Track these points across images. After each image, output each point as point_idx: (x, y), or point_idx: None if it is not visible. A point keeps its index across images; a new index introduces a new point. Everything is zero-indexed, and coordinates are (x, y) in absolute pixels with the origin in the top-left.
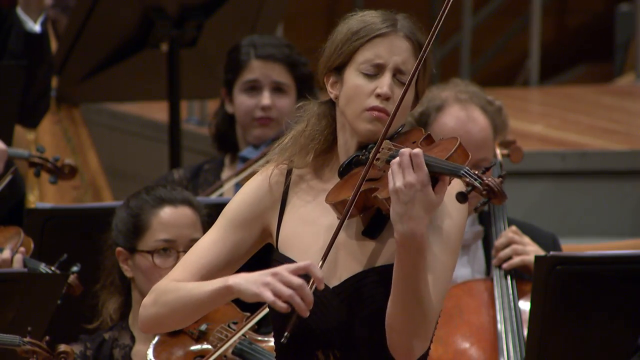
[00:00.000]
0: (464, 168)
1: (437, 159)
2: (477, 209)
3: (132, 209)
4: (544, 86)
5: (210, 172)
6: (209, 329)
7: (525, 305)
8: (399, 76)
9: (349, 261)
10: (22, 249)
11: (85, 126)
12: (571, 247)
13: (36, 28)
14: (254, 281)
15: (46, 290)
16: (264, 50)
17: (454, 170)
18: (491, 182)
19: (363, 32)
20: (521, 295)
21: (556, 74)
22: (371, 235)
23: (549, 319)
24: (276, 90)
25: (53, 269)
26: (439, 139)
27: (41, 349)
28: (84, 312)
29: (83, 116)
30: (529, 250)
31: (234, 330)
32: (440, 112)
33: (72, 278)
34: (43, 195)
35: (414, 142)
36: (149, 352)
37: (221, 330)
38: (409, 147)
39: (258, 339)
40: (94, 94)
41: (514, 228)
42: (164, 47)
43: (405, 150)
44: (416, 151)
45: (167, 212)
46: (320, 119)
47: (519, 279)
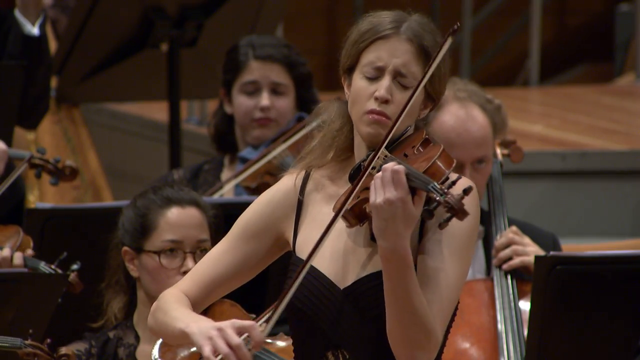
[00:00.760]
0: (431, 183)
1: (414, 171)
2: (441, 225)
3: (139, 209)
4: (544, 86)
5: (210, 173)
6: None
7: (525, 305)
8: (400, 79)
9: (358, 265)
10: (29, 252)
11: (85, 126)
12: (571, 247)
13: (34, 31)
14: (202, 333)
15: (46, 291)
16: (262, 51)
17: (422, 185)
18: (451, 199)
19: (368, 35)
20: (521, 295)
21: (556, 74)
22: None
23: (549, 319)
24: (275, 90)
25: (53, 267)
26: (431, 143)
27: (43, 351)
28: (88, 311)
29: (83, 116)
30: (529, 251)
31: None
32: (439, 111)
33: (72, 276)
34: (43, 195)
35: (414, 146)
36: (155, 352)
37: None
38: (409, 152)
39: (267, 341)
40: (94, 94)
41: (514, 228)
42: (164, 47)
43: (388, 166)
44: (397, 168)
45: (175, 213)
46: (337, 117)
47: (519, 279)
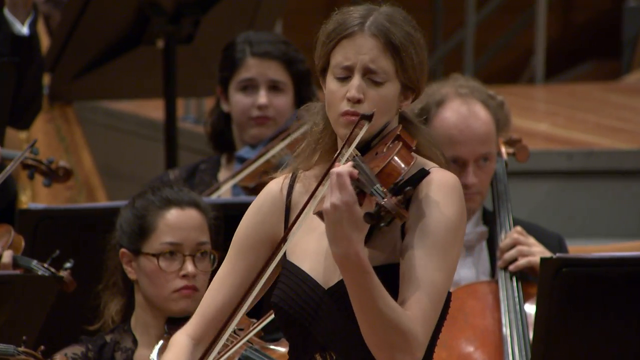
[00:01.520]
0: (374, 185)
1: (367, 173)
2: (382, 228)
3: (137, 210)
4: (549, 84)
5: (207, 172)
6: None
7: (531, 308)
8: (370, 76)
9: None
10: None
11: (79, 125)
12: (578, 249)
13: (24, 30)
14: None
15: (40, 293)
16: (259, 48)
17: (366, 187)
18: (387, 202)
19: (333, 34)
20: (527, 298)
21: (562, 71)
22: None
23: (555, 322)
24: (273, 88)
25: (46, 265)
26: (399, 141)
27: (36, 358)
28: (84, 313)
29: (77, 114)
30: (535, 251)
31: (239, 336)
32: (441, 107)
33: (65, 274)
34: (36, 195)
35: (386, 143)
36: (153, 357)
37: None
38: (380, 149)
39: (270, 347)
40: (88, 92)
41: (518, 228)
42: (160, 44)
43: (333, 170)
44: (341, 171)
45: (174, 214)
46: (320, 119)
47: (525, 281)
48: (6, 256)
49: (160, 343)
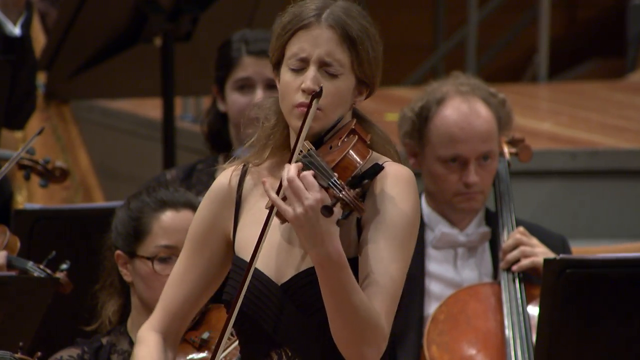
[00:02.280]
0: (332, 179)
1: (322, 167)
2: (339, 222)
3: (132, 211)
4: (553, 82)
5: (204, 172)
6: (210, 337)
7: (534, 310)
8: (326, 68)
9: (295, 260)
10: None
11: (75, 124)
12: (581, 250)
13: (16, 31)
14: None
15: (35, 294)
16: (256, 46)
17: (324, 182)
18: (346, 195)
19: (289, 26)
20: (530, 300)
21: (566, 70)
22: None
23: (559, 324)
24: (270, 87)
25: (42, 267)
26: (355, 134)
27: None
28: (81, 313)
29: (73, 113)
30: (538, 252)
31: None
32: (442, 105)
33: (61, 276)
34: (32, 195)
35: (340, 137)
36: None
37: None
38: (335, 144)
39: None
40: (84, 91)
41: (521, 229)
42: (158, 42)
43: (287, 176)
44: (289, 176)
45: (169, 216)
46: (272, 115)
47: (528, 282)
48: (1, 257)
49: None
